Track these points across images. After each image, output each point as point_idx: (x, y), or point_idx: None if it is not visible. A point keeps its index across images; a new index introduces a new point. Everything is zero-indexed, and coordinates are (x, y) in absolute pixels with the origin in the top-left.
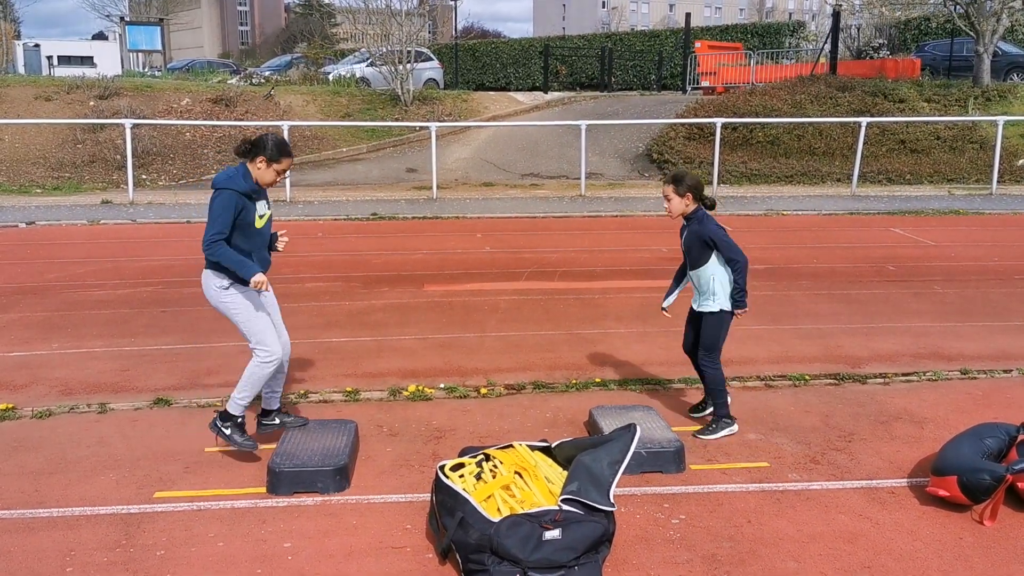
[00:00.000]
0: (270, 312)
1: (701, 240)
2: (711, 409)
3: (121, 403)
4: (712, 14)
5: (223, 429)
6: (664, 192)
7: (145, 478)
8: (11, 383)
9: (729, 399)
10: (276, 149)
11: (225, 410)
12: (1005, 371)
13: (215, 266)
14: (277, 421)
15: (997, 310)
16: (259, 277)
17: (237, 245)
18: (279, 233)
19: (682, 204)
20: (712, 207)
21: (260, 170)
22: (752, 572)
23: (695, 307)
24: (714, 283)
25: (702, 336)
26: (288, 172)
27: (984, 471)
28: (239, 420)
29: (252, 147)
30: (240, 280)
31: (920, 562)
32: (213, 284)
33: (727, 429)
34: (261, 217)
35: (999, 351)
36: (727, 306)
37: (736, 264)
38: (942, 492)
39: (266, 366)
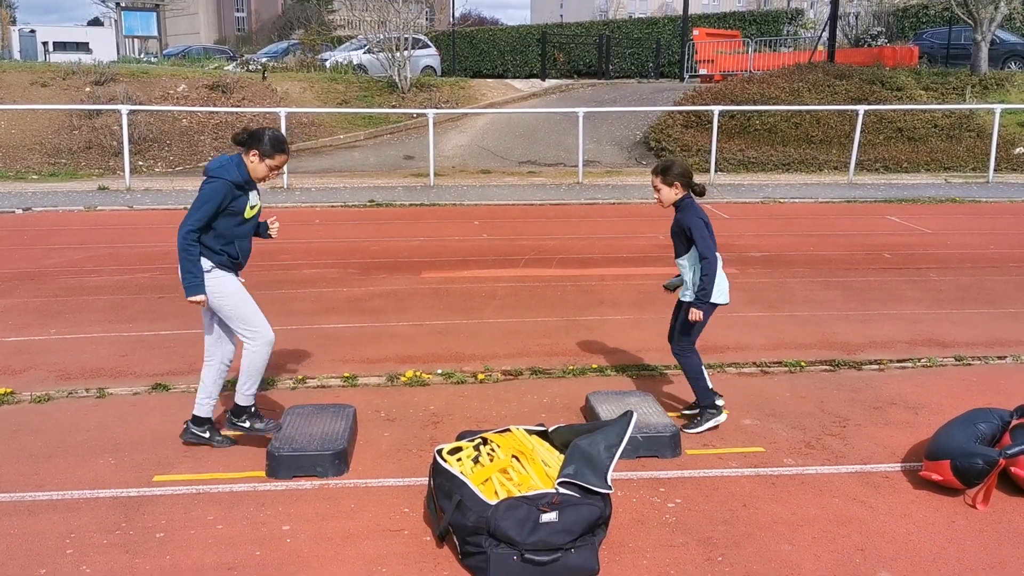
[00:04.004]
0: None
1: (682, 229)
2: (701, 428)
3: (120, 388)
4: (710, 1)
5: (241, 424)
6: (653, 183)
7: (144, 462)
8: (9, 368)
9: (723, 417)
10: (271, 145)
11: (236, 405)
12: (999, 358)
13: (202, 252)
14: (207, 436)
15: (992, 297)
16: (198, 299)
17: (222, 231)
18: (270, 220)
19: (671, 193)
20: (701, 194)
21: (253, 163)
22: (746, 554)
23: (681, 297)
24: (697, 274)
25: (679, 322)
26: (283, 169)
27: (977, 455)
28: (252, 409)
29: (249, 138)
30: (224, 266)
31: (913, 545)
32: None
33: (712, 421)
34: (252, 208)
35: (993, 338)
36: (712, 298)
37: (704, 260)
38: (935, 476)
39: (263, 349)
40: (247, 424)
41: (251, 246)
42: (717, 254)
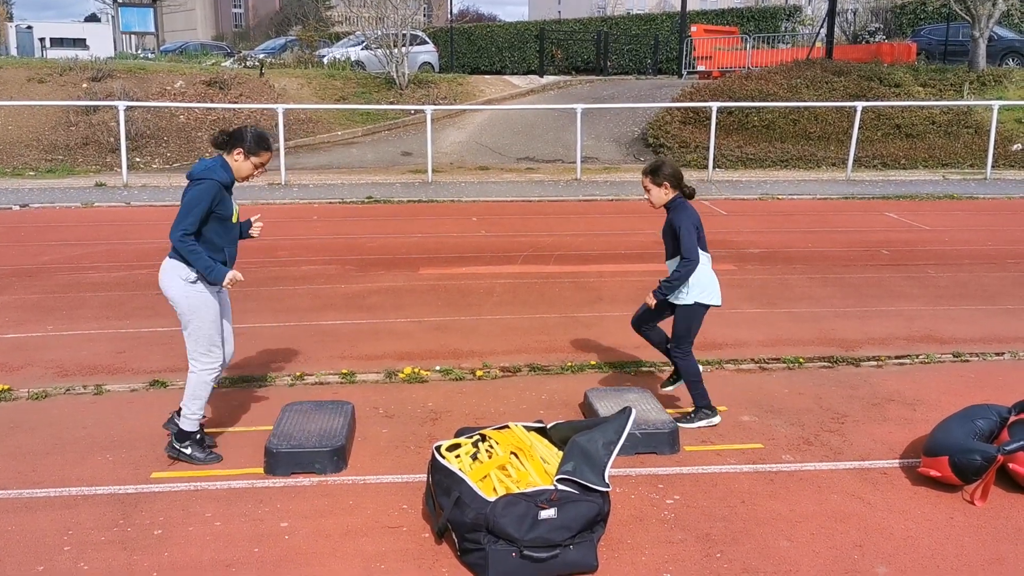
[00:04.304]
0: (224, 317)
1: (673, 230)
2: (681, 382)
3: (117, 385)
4: None
5: (183, 450)
6: (643, 184)
7: (142, 459)
8: (7, 365)
9: (718, 419)
10: (255, 142)
11: (180, 430)
12: (997, 354)
13: (183, 257)
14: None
15: (990, 294)
16: (231, 275)
17: (211, 239)
18: (252, 219)
19: (661, 194)
20: (691, 196)
21: (238, 162)
22: (745, 551)
23: (673, 299)
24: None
25: (673, 327)
26: (266, 167)
27: (975, 452)
28: (197, 436)
29: (230, 138)
30: (215, 271)
31: (911, 541)
32: (178, 275)
33: (706, 420)
34: (235, 212)
35: (991, 334)
36: (701, 299)
37: (685, 262)
38: (934, 472)
39: (209, 374)
40: (189, 452)
41: (236, 252)
42: (706, 254)
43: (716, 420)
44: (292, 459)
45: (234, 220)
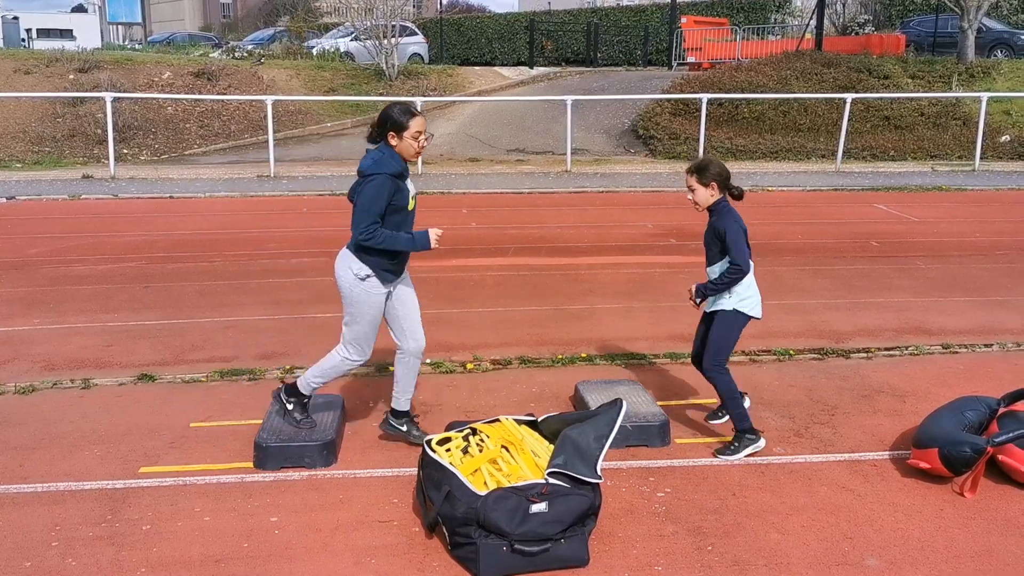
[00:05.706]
0: (409, 309)
1: (717, 234)
2: (726, 418)
3: (105, 379)
4: None
5: (286, 403)
6: (688, 183)
7: (130, 453)
8: None
9: (747, 403)
10: (400, 115)
11: (295, 384)
12: (986, 345)
13: (361, 251)
14: (404, 429)
15: (978, 285)
16: (434, 231)
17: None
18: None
19: (707, 194)
20: (739, 197)
21: (398, 144)
22: (736, 543)
23: (707, 308)
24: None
25: (710, 336)
26: (426, 133)
27: (965, 443)
28: (305, 401)
29: (380, 128)
30: (386, 271)
31: (901, 533)
32: (352, 268)
33: (752, 446)
34: (413, 198)
35: (980, 326)
36: (741, 307)
37: (735, 268)
38: (923, 464)
39: (347, 365)
40: (291, 407)
41: None
42: (751, 263)
43: (761, 443)
44: (282, 453)
45: (411, 207)
